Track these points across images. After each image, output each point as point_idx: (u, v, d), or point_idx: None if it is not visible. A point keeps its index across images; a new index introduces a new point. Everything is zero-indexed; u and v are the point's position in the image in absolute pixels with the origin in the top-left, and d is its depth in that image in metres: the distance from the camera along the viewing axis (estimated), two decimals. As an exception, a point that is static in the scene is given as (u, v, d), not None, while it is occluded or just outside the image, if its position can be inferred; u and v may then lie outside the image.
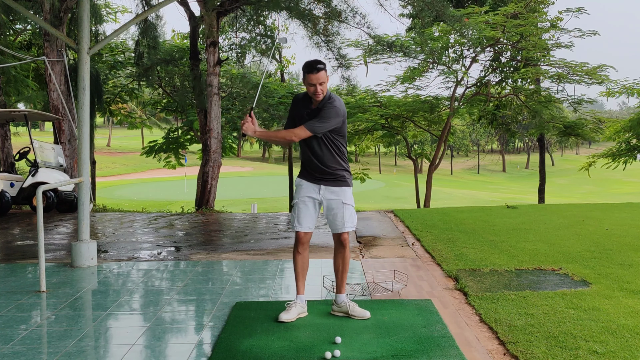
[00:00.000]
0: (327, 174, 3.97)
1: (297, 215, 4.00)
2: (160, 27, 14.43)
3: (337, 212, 3.96)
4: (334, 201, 3.97)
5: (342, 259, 4.07)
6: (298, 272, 4.08)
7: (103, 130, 75.75)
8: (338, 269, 4.09)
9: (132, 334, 3.79)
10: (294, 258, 4.07)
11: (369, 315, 3.97)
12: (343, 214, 3.96)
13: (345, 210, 3.96)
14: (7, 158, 13.30)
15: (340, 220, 3.97)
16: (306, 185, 4.01)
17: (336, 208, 3.96)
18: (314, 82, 3.82)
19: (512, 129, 20.50)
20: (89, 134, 6.12)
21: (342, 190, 3.98)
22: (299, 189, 4.03)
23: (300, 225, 3.99)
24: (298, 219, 4.00)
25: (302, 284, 4.09)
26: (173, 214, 10.99)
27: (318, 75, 3.80)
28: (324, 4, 12.93)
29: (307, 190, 4.00)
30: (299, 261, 4.05)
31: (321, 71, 3.82)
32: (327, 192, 3.97)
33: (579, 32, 17.02)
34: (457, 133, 45.51)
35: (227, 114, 18.20)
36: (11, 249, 7.05)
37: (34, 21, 14.25)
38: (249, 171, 58.32)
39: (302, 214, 3.99)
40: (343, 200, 3.96)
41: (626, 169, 19.11)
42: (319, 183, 3.99)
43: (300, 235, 4.01)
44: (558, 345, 3.43)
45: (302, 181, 4.03)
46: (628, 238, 7.02)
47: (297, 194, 4.03)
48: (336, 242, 4.08)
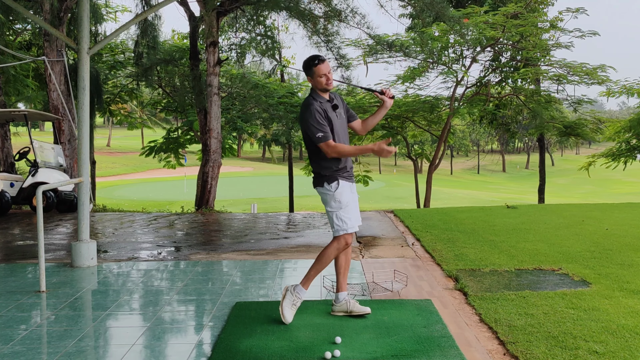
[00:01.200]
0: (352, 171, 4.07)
1: (353, 214, 3.95)
2: (159, 27, 14.42)
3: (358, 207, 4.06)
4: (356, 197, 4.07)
5: (346, 257, 4.09)
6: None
7: (103, 130, 75.77)
8: (341, 266, 4.08)
9: (132, 334, 3.79)
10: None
11: (369, 310, 3.99)
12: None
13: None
14: (7, 158, 13.30)
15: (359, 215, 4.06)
16: (347, 186, 3.97)
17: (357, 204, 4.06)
18: (324, 72, 3.87)
19: (512, 129, 20.51)
20: (88, 134, 6.12)
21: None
22: (344, 191, 3.94)
23: (355, 225, 3.96)
24: (357, 218, 3.98)
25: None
26: (173, 214, 10.99)
27: (327, 64, 3.90)
28: (324, 3, 12.93)
29: (349, 190, 3.99)
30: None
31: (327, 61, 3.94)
32: (354, 189, 4.07)
33: (579, 32, 17.02)
34: (457, 133, 45.49)
35: (227, 114, 18.20)
36: (11, 249, 7.05)
37: (34, 21, 14.24)
38: (249, 171, 58.34)
39: (355, 214, 3.97)
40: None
41: (626, 169, 19.13)
42: (352, 181, 4.04)
43: (351, 238, 3.99)
44: (558, 345, 3.43)
45: (345, 182, 3.96)
46: (628, 238, 7.02)
47: (342, 196, 3.93)
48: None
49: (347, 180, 3.98)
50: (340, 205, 3.92)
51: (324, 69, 3.86)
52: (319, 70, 3.85)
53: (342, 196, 3.92)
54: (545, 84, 18.96)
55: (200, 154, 15.25)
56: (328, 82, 3.88)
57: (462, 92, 18.67)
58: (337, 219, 3.92)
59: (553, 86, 18.53)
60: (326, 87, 3.90)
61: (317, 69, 3.86)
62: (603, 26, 58.37)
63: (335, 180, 3.92)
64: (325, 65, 3.87)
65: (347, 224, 3.91)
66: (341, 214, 3.91)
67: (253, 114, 19.27)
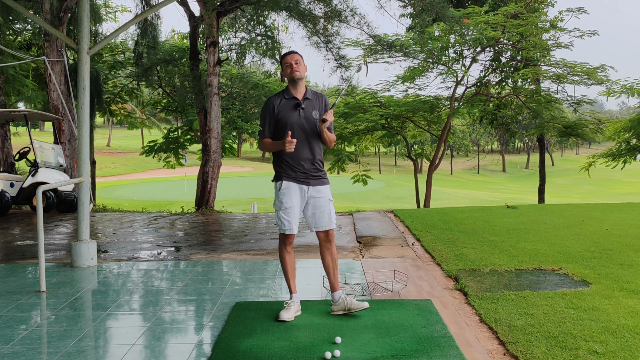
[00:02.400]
0: (314, 172, 4.01)
1: (290, 218, 3.98)
2: (159, 26, 14.42)
3: (324, 210, 4.01)
4: (321, 199, 4.01)
5: (331, 255, 4.09)
6: (290, 271, 4.09)
7: (103, 130, 75.78)
8: (329, 266, 4.10)
9: (132, 334, 3.79)
10: (283, 258, 4.08)
11: (367, 305, 4.01)
12: (329, 210, 4.03)
13: (331, 207, 4.05)
14: (7, 158, 13.30)
15: (327, 217, 4.02)
16: (294, 187, 3.99)
17: (323, 206, 4.01)
18: (288, 62, 3.96)
19: (512, 129, 20.50)
20: (88, 134, 6.12)
21: (327, 188, 4.07)
22: (286, 192, 3.97)
23: (295, 226, 4.02)
24: (294, 222, 4.00)
25: (295, 283, 4.13)
26: (173, 214, 10.99)
27: (294, 55, 3.98)
28: (324, 4, 12.93)
29: (295, 192, 3.99)
30: (289, 260, 4.09)
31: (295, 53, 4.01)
32: (315, 191, 4.01)
33: (579, 32, 17.03)
34: (457, 133, 45.50)
35: (227, 114, 18.21)
36: (11, 249, 7.05)
37: (34, 21, 14.25)
38: (249, 171, 58.34)
39: (294, 217, 4.00)
40: (329, 197, 4.05)
41: (627, 169, 19.13)
42: (308, 184, 4.00)
43: (292, 237, 4.05)
44: (558, 345, 3.43)
45: (289, 183, 3.99)
46: (628, 238, 7.02)
47: (285, 197, 3.97)
48: (323, 240, 4.10)
49: (295, 182, 3.98)
50: (280, 205, 4.00)
51: (289, 59, 3.97)
52: (284, 61, 3.99)
53: (284, 197, 3.97)
54: (545, 84, 18.99)
55: (200, 154, 15.25)
56: (292, 72, 3.93)
57: (462, 92, 18.67)
58: (277, 217, 4.04)
59: (553, 86, 18.56)
60: (291, 77, 3.95)
61: (282, 61, 4.01)
62: (604, 26, 58.23)
63: (280, 179, 4.02)
64: (290, 56, 3.98)
65: (283, 225, 3.99)
66: (280, 214, 4.00)
67: (253, 114, 19.27)
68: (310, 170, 4.00)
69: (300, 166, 3.97)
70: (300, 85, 4.01)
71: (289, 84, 4.02)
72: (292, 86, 4.00)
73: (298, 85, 3.99)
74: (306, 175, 3.99)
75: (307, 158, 3.98)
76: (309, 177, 4.00)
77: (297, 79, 3.96)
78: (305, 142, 3.96)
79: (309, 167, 3.99)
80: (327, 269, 4.10)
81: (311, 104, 4.01)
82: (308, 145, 3.98)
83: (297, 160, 3.97)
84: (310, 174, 4.00)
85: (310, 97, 4.02)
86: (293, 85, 4.00)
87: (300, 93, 4.01)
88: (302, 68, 3.96)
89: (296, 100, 3.99)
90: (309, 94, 4.03)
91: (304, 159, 3.98)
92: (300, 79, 3.97)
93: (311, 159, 4.00)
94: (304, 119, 3.96)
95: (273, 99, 4.05)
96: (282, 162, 4.00)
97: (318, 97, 4.06)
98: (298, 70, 3.94)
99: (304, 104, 3.98)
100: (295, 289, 4.12)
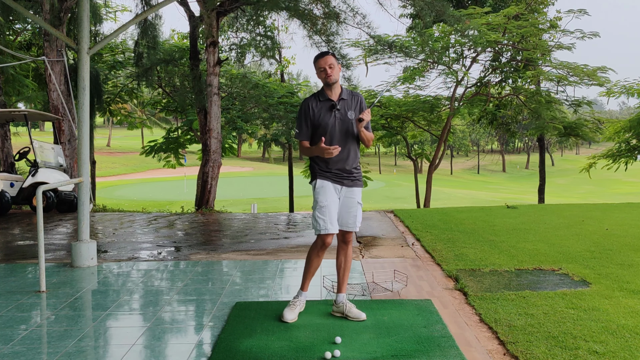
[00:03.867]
0: (349, 174, 3.99)
1: (325, 217, 3.91)
2: (159, 26, 14.42)
3: (351, 212, 3.98)
4: (352, 200, 3.99)
5: (345, 257, 4.08)
6: (312, 272, 4.07)
7: (103, 130, 75.80)
8: (340, 266, 4.09)
9: (132, 334, 3.79)
10: (312, 259, 4.03)
11: (364, 317, 3.94)
12: (356, 213, 4.00)
13: (359, 210, 4.02)
14: (7, 158, 13.30)
15: (353, 220, 3.99)
16: (328, 186, 3.96)
17: (352, 207, 3.99)
18: (322, 66, 3.88)
19: (512, 129, 20.51)
20: (88, 134, 6.12)
21: (359, 191, 4.04)
22: (321, 190, 3.95)
23: (333, 226, 3.92)
24: (330, 221, 3.92)
25: (309, 282, 4.12)
26: (173, 214, 10.99)
27: (327, 58, 3.89)
28: (324, 4, 12.92)
29: (331, 191, 3.96)
30: (317, 263, 4.05)
31: (328, 55, 3.92)
32: (348, 192, 3.99)
33: (580, 33, 17.03)
34: (457, 133, 45.50)
35: (227, 114, 18.20)
36: (11, 249, 7.05)
37: (34, 21, 14.25)
38: (249, 171, 58.33)
39: (329, 216, 3.92)
40: (358, 200, 4.02)
41: (627, 169, 19.11)
42: (342, 184, 3.98)
43: (329, 239, 3.97)
44: (558, 345, 3.43)
45: (325, 182, 3.96)
46: (628, 238, 7.02)
47: (320, 195, 3.94)
48: (341, 240, 4.09)
49: (329, 181, 3.96)
50: (316, 204, 3.96)
51: (322, 63, 3.88)
52: (317, 65, 3.92)
53: (319, 195, 3.95)
54: (545, 85, 18.99)
55: (200, 154, 15.25)
56: (327, 77, 3.88)
57: (462, 92, 18.67)
58: (313, 217, 3.99)
59: (553, 87, 18.55)
60: (327, 81, 3.90)
61: (316, 64, 3.93)
62: (606, 26, 57.90)
63: (314, 178, 4.01)
64: (323, 60, 3.88)
65: (318, 225, 3.92)
66: (316, 214, 3.95)
67: (253, 113, 19.28)
68: (345, 170, 3.97)
69: (335, 166, 3.95)
70: (335, 87, 3.95)
71: (324, 86, 3.97)
72: (327, 88, 3.96)
73: (333, 87, 3.94)
74: (341, 175, 3.97)
75: (342, 159, 3.95)
76: (343, 177, 3.98)
77: (332, 83, 3.91)
78: (340, 143, 3.94)
79: (344, 168, 3.97)
80: (338, 269, 4.10)
81: (346, 104, 3.97)
82: (344, 146, 3.94)
83: (333, 160, 3.94)
84: (345, 174, 3.98)
85: (345, 98, 3.97)
86: (328, 88, 3.95)
87: (336, 94, 3.96)
88: (336, 71, 3.90)
89: (331, 101, 3.95)
90: (344, 94, 3.98)
91: (340, 159, 3.95)
92: (335, 82, 3.92)
93: (346, 159, 3.96)
94: (339, 120, 3.93)
95: (309, 100, 4.00)
96: (318, 162, 3.99)
97: (354, 96, 4.01)
98: (332, 75, 3.88)
99: (339, 105, 3.94)
100: (307, 287, 4.10)
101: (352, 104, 3.98)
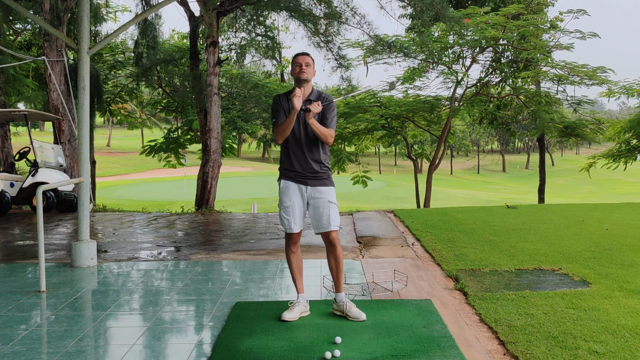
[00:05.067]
0: (314, 173, 4.00)
1: (289, 216, 4.01)
2: (159, 26, 14.42)
3: (322, 212, 3.98)
4: (320, 200, 3.99)
5: (334, 258, 4.06)
6: (296, 271, 4.12)
7: (103, 130, 75.79)
8: (332, 268, 4.09)
9: (132, 334, 3.79)
10: (288, 258, 4.11)
11: (364, 318, 3.93)
12: (329, 212, 3.98)
13: (331, 209, 3.99)
14: (7, 158, 13.30)
15: (326, 219, 3.98)
16: (292, 186, 4.02)
17: (322, 207, 3.98)
18: (298, 62, 3.97)
19: (512, 129, 20.51)
20: (88, 134, 6.12)
21: (328, 190, 4.03)
22: (284, 190, 4.03)
23: (297, 225, 4.03)
24: (294, 220, 4.01)
25: (301, 283, 4.14)
26: (173, 214, 10.99)
27: (305, 57, 3.99)
28: (325, 4, 12.93)
29: (294, 191, 4.02)
30: (295, 260, 4.11)
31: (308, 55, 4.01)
32: (314, 191, 4.00)
33: (580, 33, 17.02)
34: (457, 133, 45.51)
35: (227, 114, 18.21)
36: (11, 249, 7.05)
37: (34, 21, 14.24)
38: (249, 171, 58.30)
39: (293, 216, 4.01)
40: (329, 199, 4.00)
41: (627, 169, 19.12)
42: (305, 183, 4.00)
43: (295, 236, 4.07)
44: (558, 345, 3.43)
45: (288, 182, 4.03)
46: (628, 238, 7.02)
47: (283, 195, 4.03)
48: (325, 242, 4.08)
49: (292, 181, 4.01)
50: (280, 204, 4.06)
51: (300, 60, 3.98)
52: (295, 61, 4.01)
53: (282, 195, 4.04)
54: (545, 85, 18.98)
55: (200, 154, 15.26)
56: (300, 72, 3.94)
57: (462, 93, 18.67)
58: (279, 217, 4.11)
59: (553, 87, 18.54)
60: (298, 77, 3.96)
61: (294, 60, 4.02)
62: (606, 26, 57.77)
63: (279, 178, 4.10)
64: (302, 57, 3.99)
65: (284, 224, 4.05)
66: (281, 213, 4.07)
67: (253, 113, 19.28)
68: (308, 170, 3.99)
69: (298, 166, 3.99)
70: (305, 87, 3.99)
71: (295, 83, 4.02)
72: (297, 87, 3.99)
73: (303, 87, 3.98)
74: (304, 175, 4.00)
75: (305, 158, 3.99)
76: (306, 177, 4.00)
77: (303, 80, 3.95)
78: (303, 142, 3.97)
79: (306, 167, 3.99)
80: (330, 271, 4.10)
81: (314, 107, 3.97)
82: (306, 146, 3.97)
83: (295, 160, 3.99)
84: (308, 174, 4.00)
85: (312, 99, 4.00)
86: (299, 86, 3.98)
87: (304, 95, 4.00)
88: (310, 71, 3.96)
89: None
90: (313, 95, 4.01)
91: (302, 159, 3.99)
92: (306, 80, 3.96)
93: (309, 159, 3.99)
94: (302, 120, 3.96)
95: (281, 96, 4.07)
96: (282, 163, 4.08)
97: (322, 98, 4.03)
98: (305, 72, 3.94)
99: (304, 106, 3.97)
100: (301, 289, 4.11)
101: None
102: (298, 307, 4.01)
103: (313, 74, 4.00)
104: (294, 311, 3.98)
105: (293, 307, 4.00)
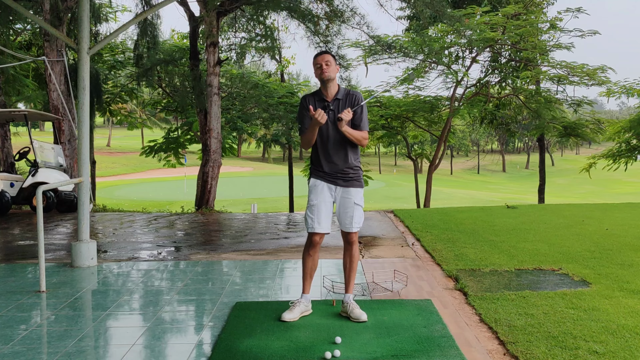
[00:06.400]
0: (344, 174, 3.98)
1: (314, 215, 3.96)
2: (159, 26, 14.42)
3: (347, 212, 3.99)
4: (347, 200, 3.99)
5: (350, 257, 4.08)
6: (307, 272, 4.08)
7: (103, 130, 75.79)
8: (345, 267, 4.11)
9: (132, 334, 3.79)
10: (304, 259, 4.08)
11: (365, 319, 3.93)
12: (353, 214, 3.98)
13: (356, 210, 3.99)
14: (7, 158, 13.30)
15: (349, 220, 3.98)
16: (321, 185, 4.00)
17: (348, 208, 3.98)
18: (318, 62, 3.92)
19: (512, 128, 20.50)
20: (88, 134, 6.12)
21: (357, 192, 4.01)
22: (312, 189, 4.01)
23: (320, 225, 3.97)
24: (318, 220, 3.96)
25: (309, 284, 4.11)
26: (173, 214, 10.99)
27: (324, 56, 3.94)
28: (327, 3, 12.93)
29: (323, 191, 3.99)
30: (309, 262, 4.07)
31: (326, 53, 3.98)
32: (344, 192, 4.00)
33: (579, 31, 17.01)
34: (457, 133, 45.43)
35: (227, 114, 18.20)
36: (11, 249, 7.05)
37: (34, 21, 14.25)
38: (249, 171, 58.31)
39: (319, 215, 3.96)
40: (355, 200, 3.99)
41: (627, 169, 19.11)
42: (335, 184, 4.00)
43: (316, 238, 4.01)
44: (558, 345, 3.43)
45: (318, 181, 4.01)
46: (628, 238, 7.02)
47: (311, 194, 4.00)
48: (344, 240, 4.11)
49: (323, 180, 4.00)
50: (308, 202, 4.02)
51: (319, 60, 3.93)
52: (315, 62, 3.96)
53: (310, 194, 4.01)
54: (545, 84, 18.97)
55: (200, 154, 15.26)
56: (322, 73, 3.90)
57: (462, 92, 18.67)
58: (304, 215, 4.06)
59: (553, 87, 18.53)
60: (321, 77, 3.93)
61: (314, 61, 3.97)
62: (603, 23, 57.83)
63: (310, 176, 4.09)
64: (321, 57, 3.94)
65: (307, 223, 4.00)
66: (307, 212, 4.02)
67: (253, 114, 19.28)
68: (339, 171, 3.98)
69: (327, 166, 3.98)
70: (331, 86, 3.96)
71: (321, 84, 3.99)
72: (323, 87, 3.97)
73: (328, 86, 3.95)
74: (334, 175, 3.98)
75: (336, 159, 3.96)
76: (337, 177, 3.99)
77: (326, 80, 3.92)
78: (333, 143, 3.94)
79: (337, 168, 3.97)
80: (344, 269, 4.12)
81: (341, 104, 3.96)
82: (337, 146, 3.95)
83: (326, 160, 3.97)
84: (339, 174, 3.98)
85: (340, 97, 3.96)
86: (324, 87, 3.96)
87: (331, 94, 3.96)
88: (332, 69, 3.91)
89: (325, 101, 3.96)
90: (340, 94, 3.97)
91: (333, 160, 3.96)
92: (330, 79, 3.92)
93: (340, 160, 3.97)
94: (330, 121, 3.92)
95: (308, 97, 4.04)
96: (313, 162, 4.06)
97: (350, 96, 3.98)
98: (327, 72, 3.89)
99: (333, 105, 3.94)
100: (307, 290, 4.10)
101: (346, 103, 3.96)
102: (299, 307, 4.01)
103: (336, 71, 3.96)
104: (294, 311, 3.98)
105: (293, 307, 4.00)
